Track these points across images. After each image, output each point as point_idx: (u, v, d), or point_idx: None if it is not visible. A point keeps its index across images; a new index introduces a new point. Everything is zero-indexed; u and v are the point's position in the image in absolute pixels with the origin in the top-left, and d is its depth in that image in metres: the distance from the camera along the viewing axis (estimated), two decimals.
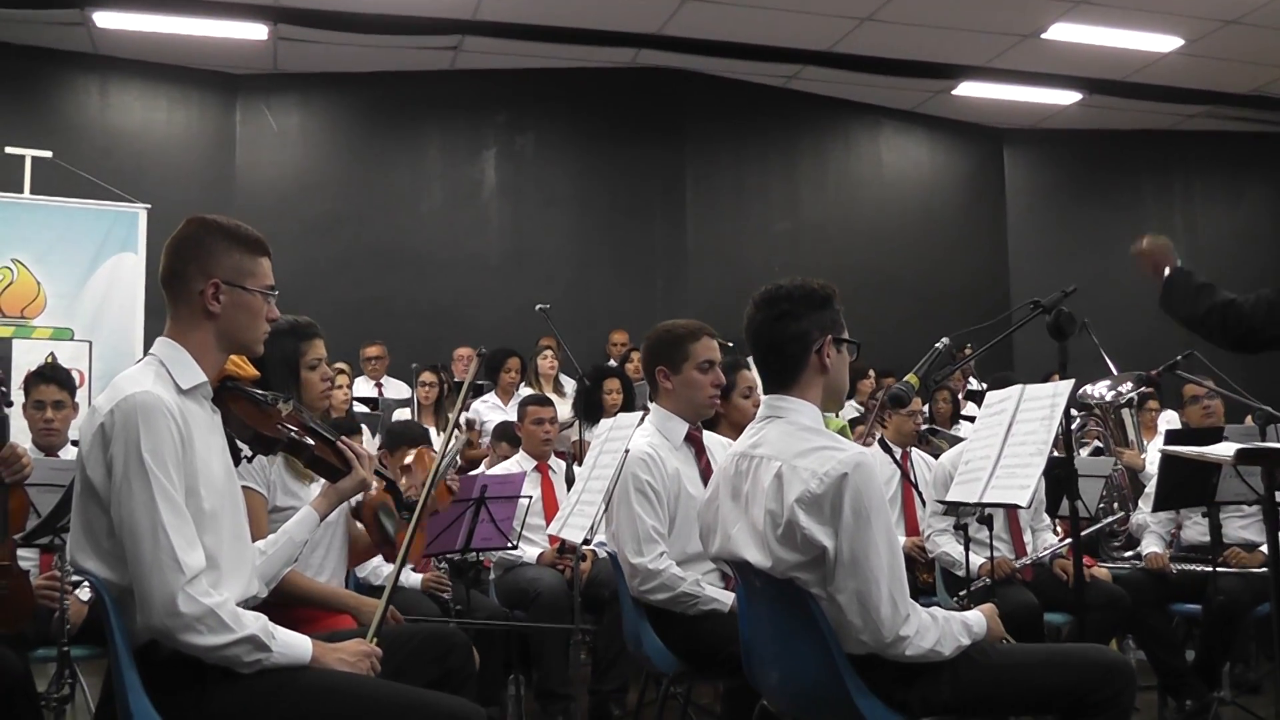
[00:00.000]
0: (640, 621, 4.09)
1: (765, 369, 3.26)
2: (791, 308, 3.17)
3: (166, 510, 2.60)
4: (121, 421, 2.64)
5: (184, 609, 2.56)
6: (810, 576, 3.00)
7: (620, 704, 5.74)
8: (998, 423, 4.09)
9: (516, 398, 8.68)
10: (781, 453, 3.06)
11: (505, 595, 5.85)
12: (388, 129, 11.87)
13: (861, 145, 13.21)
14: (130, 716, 2.66)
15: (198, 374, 2.84)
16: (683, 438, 4.26)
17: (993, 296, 12.72)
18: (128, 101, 11.34)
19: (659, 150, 12.36)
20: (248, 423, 3.02)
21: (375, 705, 2.70)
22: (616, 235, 12.17)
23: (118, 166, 10.46)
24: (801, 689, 3.20)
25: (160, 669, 2.69)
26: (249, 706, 2.68)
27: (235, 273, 2.88)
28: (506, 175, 12.14)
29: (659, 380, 4.27)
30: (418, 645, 3.14)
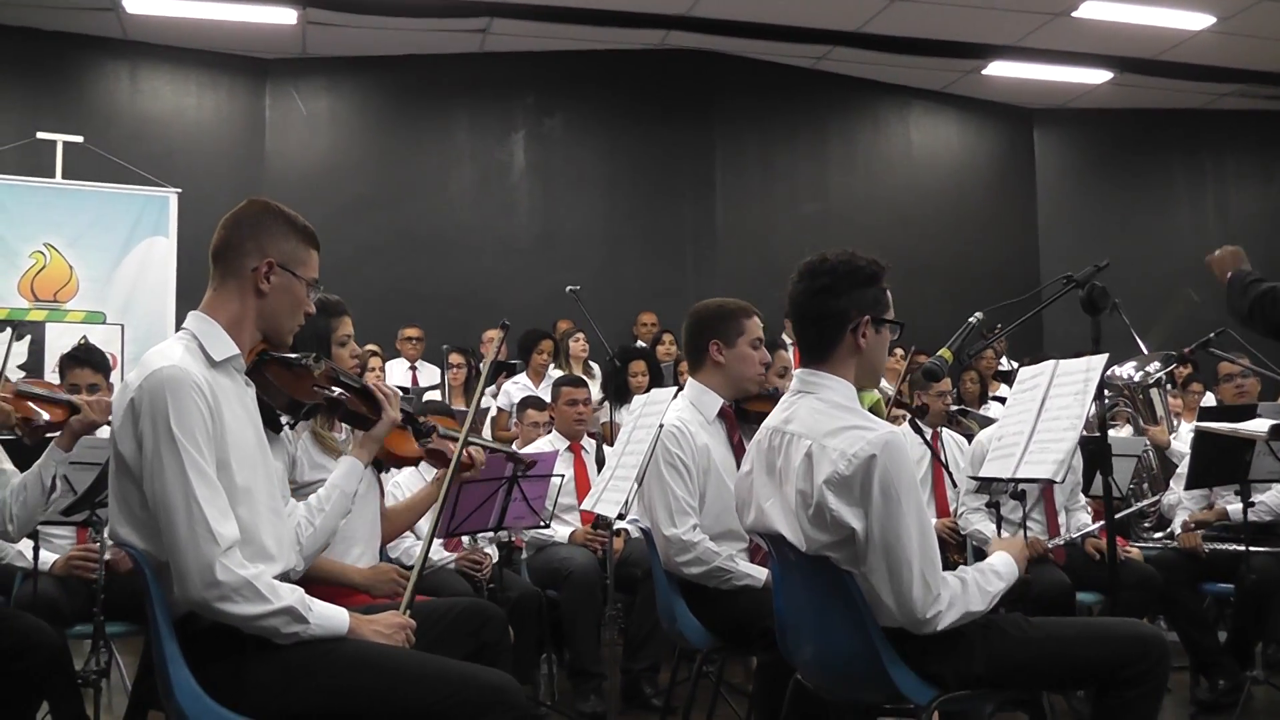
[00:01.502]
0: (674, 598, 4.09)
1: (801, 340, 3.26)
2: (833, 283, 3.16)
3: (198, 482, 2.62)
4: (150, 396, 2.66)
5: (221, 578, 2.58)
6: (841, 555, 3.00)
7: (652, 683, 5.76)
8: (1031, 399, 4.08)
9: (548, 379, 8.71)
10: (811, 430, 3.05)
11: (537, 574, 5.87)
12: (416, 112, 11.90)
13: (891, 126, 13.16)
14: (170, 687, 2.68)
15: (230, 346, 2.86)
16: (716, 413, 4.26)
17: (1022, 277, 12.65)
18: (158, 86, 11.39)
19: (688, 132, 12.34)
20: (284, 390, 3.06)
21: (413, 677, 2.71)
22: (645, 217, 12.17)
23: (148, 151, 10.50)
24: (836, 662, 3.21)
25: (199, 641, 2.71)
26: (287, 678, 2.70)
27: (290, 258, 2.92)
28: (535, 157, 12.15)
29: (710, 353, 4.26)
30: (454, 619, 3.16)
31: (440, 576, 5.29)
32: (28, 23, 10.68)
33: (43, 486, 3.88)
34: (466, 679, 2.73)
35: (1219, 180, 13.87)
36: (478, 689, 2.70)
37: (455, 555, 5.48)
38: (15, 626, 3.69)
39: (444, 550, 5.51)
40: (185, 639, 2.71)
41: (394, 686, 2.69)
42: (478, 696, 2.68)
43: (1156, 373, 7.02)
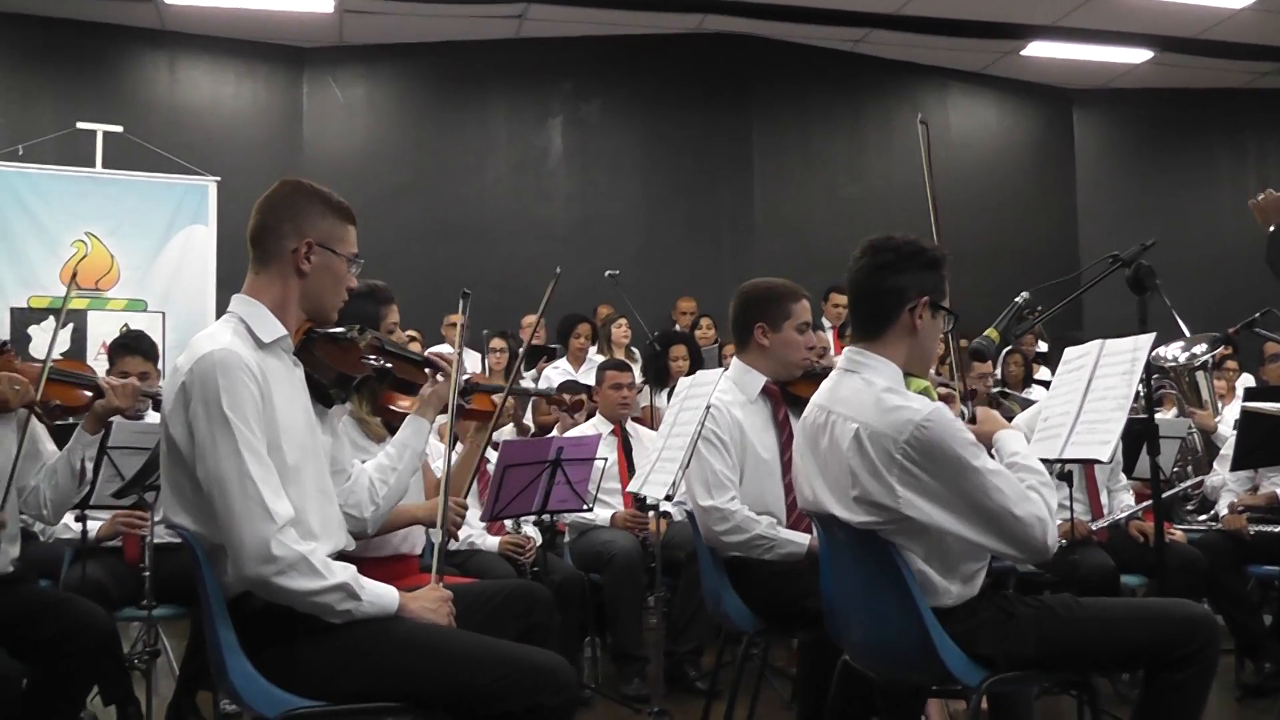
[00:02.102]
0: (720, 579, 4.09)
1: (856, 316, 3.25)
2: (896, 260, 3.16)
3: (252, 461, 2.63)
4: (200, 379, 2.67)
5: (277, 553, 2.60)
6: (894, 529, 3.01)
7: (695, 666, 5.76)
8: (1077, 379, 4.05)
9: (587, 363, 8.72)
10: (858, 413, 3.05)
11: (580, 558, 5.88)
12: (453, 99, 11.90)
13: (929, 109, 13.05)
14: (224, 668, 2.70)
15: (278, 328, 2.87)
16: (759, 391, 4.25)
17: (1062, 259, 12.56)
18: (196, 76, 11.44)
19: (725, 116, 12.30)
20: (332, 365, 3.07)
21: (464, 658, 2.72)
22: (683, 202, 12.15)
23: (187, 140, 10.54)
24: (885, 644, 3.20)
25: (252, 622, 2.73)
26: (339, 659, 2.71)
27: (327, 236, 2.92)
28: (572, 143, 12.15)
29: (755, 336, 4.26)
30: (501, 601, 3.17)
31: (484, 560, 5.31)
32: (67, 14, 10.74)
33: (72, 470, 3.91)
34: (517, 659, 2.73)
35: (1261, 160, 13.71)
36: (528, 670, 2.70)
37: (499, 539, 5.49)
38: (67, 610, 3.71)
39: (487, 534, 5.52)
40: (238, 621, 2.73)
41: (445, 667, 2.70)
42: (529, 677, 2.69)
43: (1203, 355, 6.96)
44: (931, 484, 2.93)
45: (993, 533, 2.95)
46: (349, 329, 3.17)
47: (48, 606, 3.71)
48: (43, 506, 3.95)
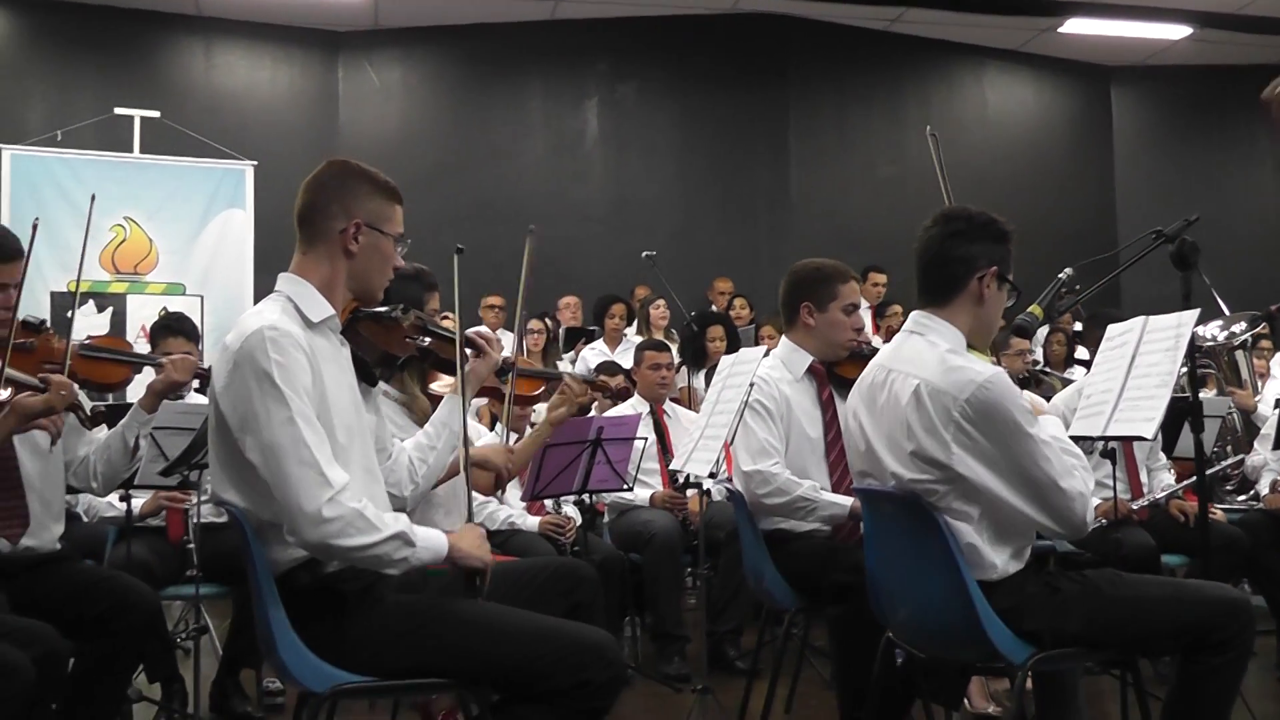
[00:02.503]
0: (762, 556, 4.10)
1: (924, 282, 3.28)
2: (968, 229, 3.21)
3: (306, 429, 2.64)
4: (250, 353, 2.67)
5: (331, 514, 2.60)
6: (949, 489, 3.04)
7: (735, 645, 5.76)
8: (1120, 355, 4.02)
9: (624, 344, 8.73)
10: (919, 370, 3.09)
11: (619, 537, 5.89)
12: (489, 81, 11.88)
13: (966, 87, 13.01)
14: (273, 643, 2.72)
15: (325, 307, 2.87)
16: (805, 369, 4.28)
17: (1100, 238, 12.45)
18: (232, 61, 11.48)
19: (761, 97, 12.26)
20: (376, 344, 3.09)
21: (511, 634, 2.73)
22: (720, 183, 12.12)
23: (224, 125, 10.58)
24: (930, 620, 3.21)
25: (300, 598, 2.75)
26: (388, 635, 2.73)
27: (375, 216, 2.92)
28: (608, 124, 12.15)
29: (802, 315, 4.30)
30: (546, 579, 3.17)
31: (524, 540, 5.32)
32: (105, 1, 10.80)
33: (125, 446, 3.95)
34: (564, 635, 2.74)
35: None
36: (576, 645, 2.71)
37: (539, 519, 5.50)
38: (114, 587, 3.74)
39: (527, 514, 5.53)
40: (286, 596, 2.74)
41: (493, 643, 2.71)
42: (576, 653, 2.69)
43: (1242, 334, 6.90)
44: (985, 445, 2.97)
45: (1037, 502, 2.98)
46: (393, 308, 3.18)
47: (94, 584, 3.75)
48: (92, 479, 3.98)
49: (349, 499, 2.62)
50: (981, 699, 4.67)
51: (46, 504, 3.84)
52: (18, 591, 3.56)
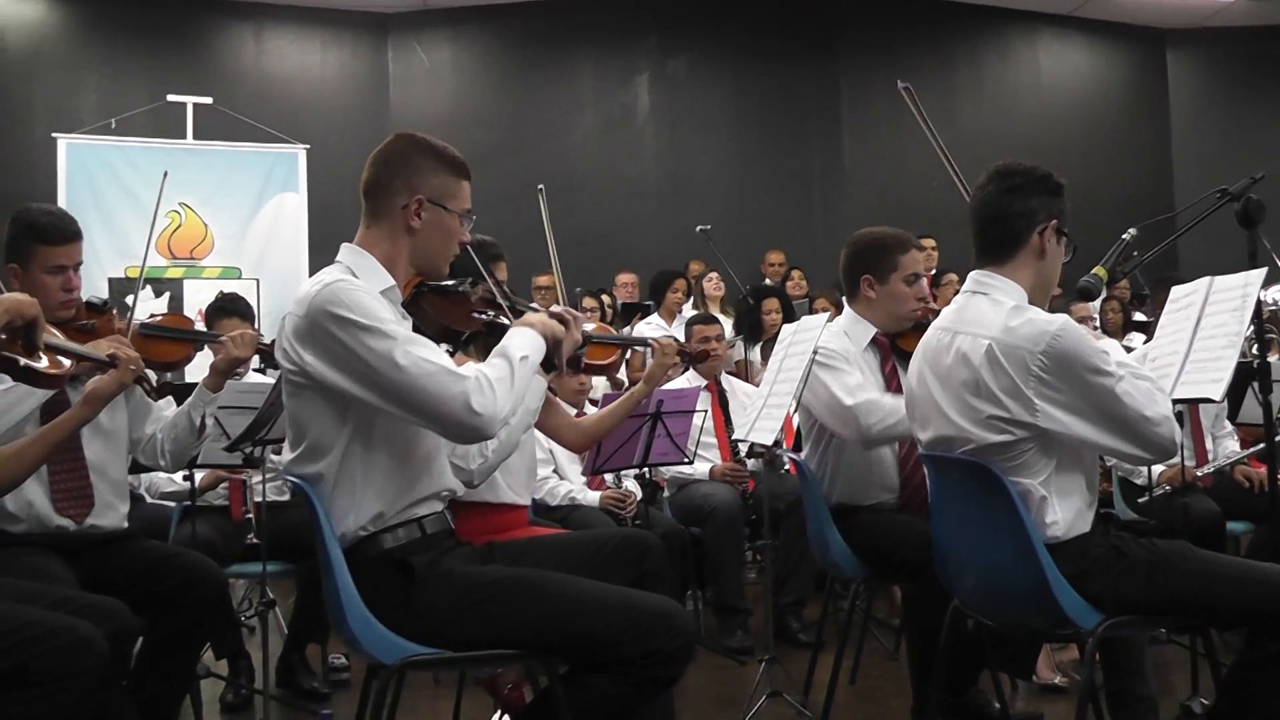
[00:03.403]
0: (827, 527, 4.07)
1: (983, 241, 3.24)
2: (1026, 184, 3.18)
3: (413, 346, 2.63)
4: (322, 309, 2.66)
5: (480, 401, 2.62)
6: (1025, 459, 3.03)
7: (798, 617, 5.74)
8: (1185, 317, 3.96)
9: (679, 319, 8.71)
10: (988, 330, 3.06)
11: (680, 511, 5.87)
12: (539, 59, 11.89)
13: (1019, 53, 12.88)
14: (343, 615, 2.72)
15: (386, 278, 2.85)
16: (869, 340, 4.24)
17: (1156, 203, 12.30)
18: (282, 46, 11.54)
19: (812, 68, 12.21)
20: (439, 319, 3.05)
21: (580, 604, 2.72)
22: (772, 156, 12.08)
23: (276, 109, 10.63)
24: (999, 588, 3.18)
25: (368, 571, 2.75)
26: (456, 606, 2.72)
27: (439, 192, 2.89)
28: (660, 100, 12.13)
29: (862, 288, 4.24)
30: (613, 549, 3.15)
31: (585, 514, 5.32)
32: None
33: (191, 425, 3.98)
34: (634, 605, 2.73)
35: None
36: (645, 614, 2.70)
37: (600, 493, 5.50)
38: (182, 564, 3.77)
39: (588, 489, 5.53)
40: (355, 569, 2.75)
41: (563, 613, 2.70)
42: (645, 622, 2.68)
43: None
44: (1069, 393, 2.94)
45: (1127, 437, 2.96)
46: (460, 282, 3.14)
47: (163, 561, 3.77)
48: (159, 456, 4.01)
49: (482, 381, 2.65)
50: (1048, 670, 4.63)
51: (111, 484, 3.86)
52: (86, 570, 3.59)
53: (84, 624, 2.72)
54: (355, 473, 2.75)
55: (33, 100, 10.60)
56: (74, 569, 3.55)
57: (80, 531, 3.74)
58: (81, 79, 10.83)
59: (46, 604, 2.90)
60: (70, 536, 3.71)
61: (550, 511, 5.28)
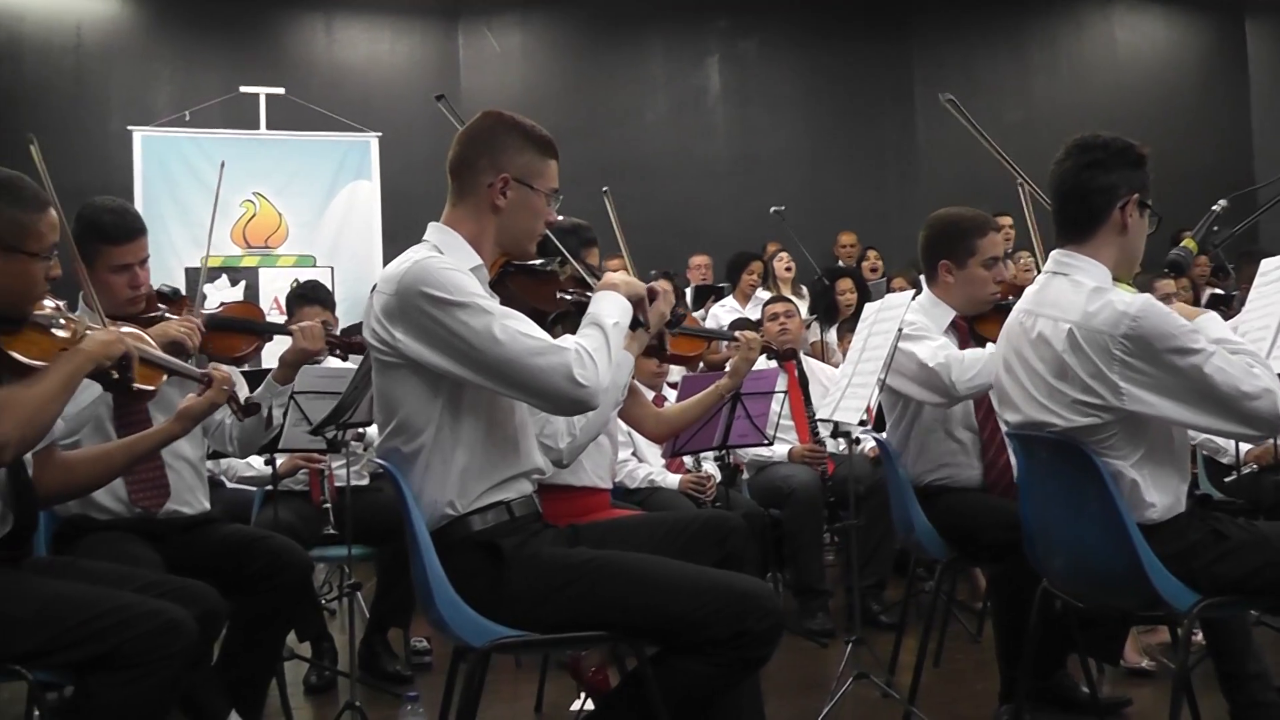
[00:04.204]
0: (911, 507, 4.02)
1: (1062, 219, 3.17)
2: (1105, 157, 3.09)
3: (510, 320, 2.62)
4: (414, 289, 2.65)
5: (583, 371, 2.61)
6: (1116, 442, 2.97)
7: (878, 600, 5.70)
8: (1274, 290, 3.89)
9: (754, 300, 8.66)
10: (1068, 313, 2.99)
11: (759, 494, 5.84)
12: (609, 41, 11.88)
13: (1094, 27, 12.69)
14: (431, 597, 2.72)
15: (473, 257, 2.83)
16: (947, 324, 4.17)
17: (1235, 177, 11.99)
18: (353, 35, 11.59)
19: (885, 46, 12.11)
20: (526, 299, 3.02)
21: (668, 585, 2.70)
22: (845, 135, 12.00)
23: (347, 98, 10.67)
24: (1090, 567, 3.13)
25: (456, 553, 2.74)
26: (546, 589, 2.71)
27: (525, 171, 2.86)
28: (731, 80, 12.06)
29: (940, 272, 4.17)
30: (697, 531, 3.12)
31: (665, 497, 5.30)
32: None
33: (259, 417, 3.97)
34: (722, 585, 2.70)
35: None
36: (734, 595, 2.67)
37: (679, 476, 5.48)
38: (268, 547, 3.78)
39: (668, 472, 5.51)
40: (443, 552, 2.74)
41: (651, 595, 2.68)
42: (735, 603, 2.65)
43: None
44: (1155, 375, 2.87)
45: (1222, 414, 2.87)
46: (548, 261, 3.11)
47: (248, 544, 3.79)
48: (229, 443, 4.02)
49: (581, 352, 2.64)
50: (1134, 654, 4.56)
51: (189, 471, 3.89)
52: (173, 553, 3.60)
53: (174, 607, 2.74)
54: (445, 452, 2.75)
55: (109, 94, 10.74)
56: (160, 553, 3.57)
57: (165, 517, 3.77)
58: (156, 72, 10.96)
59: (136, 587, 2.92)
60: (155, 521, 3.74)
61: (629, 494, 5.27)
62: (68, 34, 10.75)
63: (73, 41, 10.77)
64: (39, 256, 2.85)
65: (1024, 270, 8.14)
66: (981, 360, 3.85)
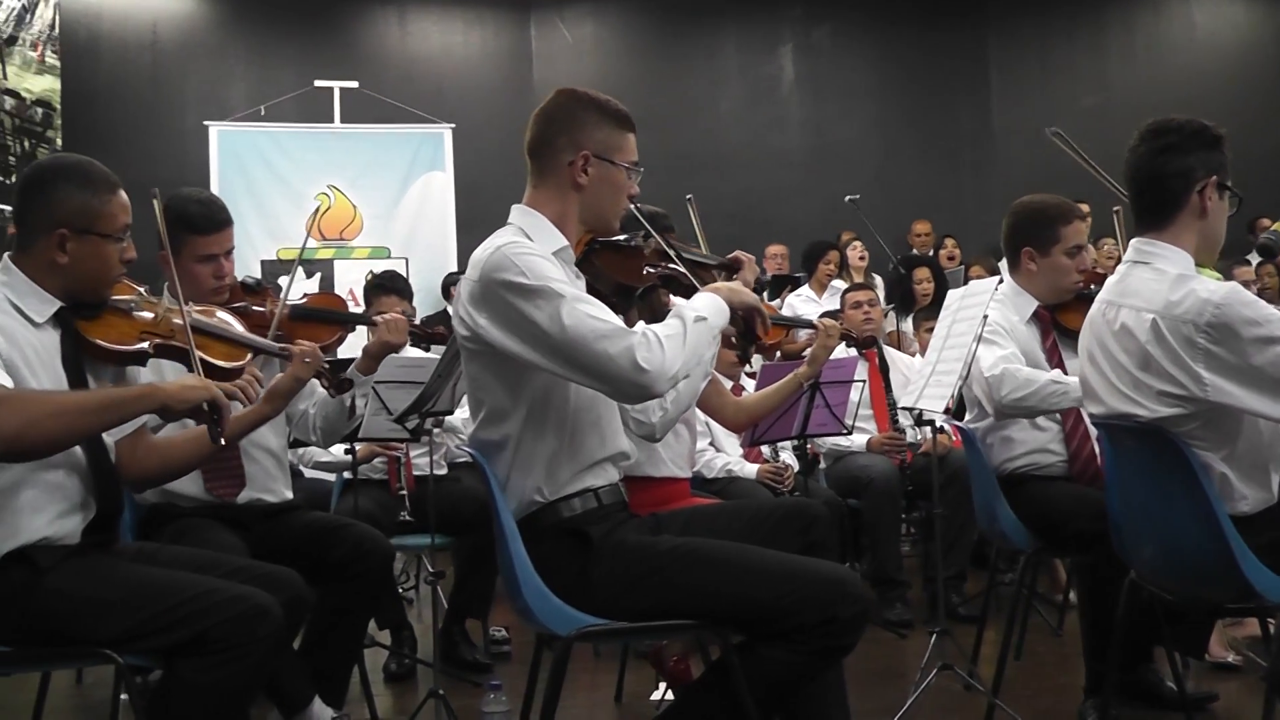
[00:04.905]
0: (995, 497, 3.97)
1: (1140, 206, 3.11)
2: (1180, 141, 3.03)
3: (582, 304, 2.59)
4: (493, 275, 2.65)
5: (647, 356, 2.54)
6: (1204, 433, 2.91)
7: (958, 591, 5.64)
8: None
9: (831, 290, 8.62)
10: (1151, 303, 2.93)
11: (837, 483, 5.81)
12: (682, 31, 11.88)
13: (1172, 8, 12.48)
14: (518, 586, 2.72)
15: (558, 238, 2.83)
16: (1030, 314, 4.12)
17: None
18: (426, 27, 11.67)
19: (959, 32, 12.00)
20: (613, 275, 3.01)
21: (757, 572, 2.67)
22: (919, 123, 11.90)
23: (420, 90, 10.77)
24: (1179, 557, 3.06)
25: (542, 542, 2.74)
26: (632, 577, 2.70)
27: (604, 146, 2.85)
28: (804, 69, 12.02)
29: (1023, 260, 4.13)
30: (781, 518, 3.09)
31: (742, 487, 5.27)
32: None
33: (342, 406, 3.97)
34: (809, 572, 2.67)
35: None
36: (821, 582, 2.65)
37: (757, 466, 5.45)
38: (351, 534, 3.79)
39: (745, 462, 5.48)
40: (529, 541, 2.74)
41: (738, 582, 2.66)
42: (823, 590, 2.63)
43: None
44: (1239, 364, 2.80)
45: None
46: (632, 236, 3.10)
47: (331, 531, 3.81)
48: (312, 432, 4.04)
49: (649, 337, 2.58)
50: (1220, 648, 4.47)
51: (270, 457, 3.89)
52: (256, 540, 3.62)
53: (260, 592, 2.75)
54: (532, 438, 2.75)
55: (185, 91, 10.90)
56: (244, 539, 3.59)
57: (246, 504, 3.79)
58: (231, 69, 11.11)
59: (223, 573, 2.94)
60: (238, 508, 3.76)
61: (707, 484, 5.24)
62: (144, 32, 10.91)
63: (149, 39, 10.93)
64: (111, 238, 2.89)
65: (1106, 258, 8.02)
66: (1037, 384, 3.81)
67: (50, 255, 2.85)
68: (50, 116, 8.66)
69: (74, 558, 2.79)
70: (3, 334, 2.74)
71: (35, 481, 2.74)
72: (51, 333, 2.88)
